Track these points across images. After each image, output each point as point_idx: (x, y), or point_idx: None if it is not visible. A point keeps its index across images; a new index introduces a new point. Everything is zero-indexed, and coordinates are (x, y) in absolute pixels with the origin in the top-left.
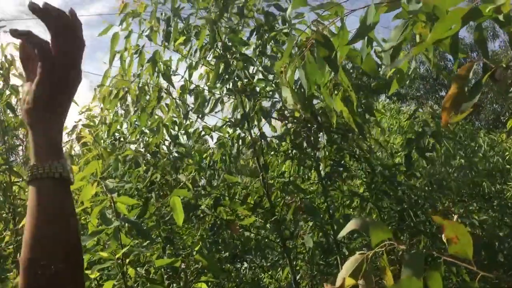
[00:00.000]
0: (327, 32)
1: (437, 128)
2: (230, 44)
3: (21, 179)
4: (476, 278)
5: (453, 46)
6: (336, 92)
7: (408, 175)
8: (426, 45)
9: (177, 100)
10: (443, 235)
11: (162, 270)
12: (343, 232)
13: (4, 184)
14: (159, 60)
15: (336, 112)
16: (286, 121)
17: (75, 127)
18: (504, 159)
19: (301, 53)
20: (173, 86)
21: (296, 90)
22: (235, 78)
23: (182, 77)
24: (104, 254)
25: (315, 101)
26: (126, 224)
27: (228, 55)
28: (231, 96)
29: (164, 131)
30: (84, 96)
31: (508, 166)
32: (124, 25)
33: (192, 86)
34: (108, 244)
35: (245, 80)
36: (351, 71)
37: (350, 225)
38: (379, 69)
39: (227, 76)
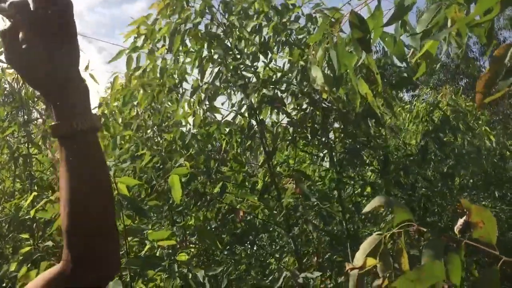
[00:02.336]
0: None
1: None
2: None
3: (39, 152)
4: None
5: (488, 32)
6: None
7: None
8: (470, 18)
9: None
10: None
11: (162, 251)
12: (367, 208)
13: (24, 157)
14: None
15: (361, 95)
16: (283, 106)
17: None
18: None
19: (331, 32)
20: (182, 87)
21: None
22: (222, 70)
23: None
24: None
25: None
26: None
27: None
28: (232, 87)
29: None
30: (99, 70)
31: None
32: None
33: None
34: None
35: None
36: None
37: (375, 202)
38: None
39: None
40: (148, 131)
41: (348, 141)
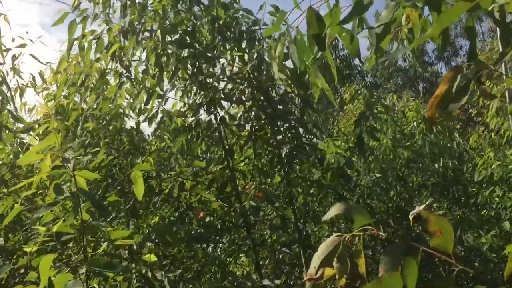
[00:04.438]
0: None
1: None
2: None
3: None
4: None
5: (443, 39)
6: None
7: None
8: (430, 35)
9: (135, 85)
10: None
11: (120, 250)
12: (327, 216)
13: None
14: (117, 46)
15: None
16: (243, 105)
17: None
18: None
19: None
20: (130, 74)
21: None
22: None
23: (143, 62)
24: (42, 229)
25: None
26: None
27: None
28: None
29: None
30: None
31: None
32: (79, 11)
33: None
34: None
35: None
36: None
37: (334, 209)
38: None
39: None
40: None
41: (294, 140)
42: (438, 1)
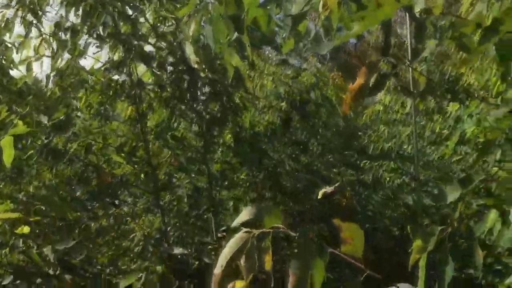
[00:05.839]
0: None
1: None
2: None
3: None
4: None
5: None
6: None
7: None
8: (354, 34)
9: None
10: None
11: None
12: (238, 221)
13: None
14: None
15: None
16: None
17: None
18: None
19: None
20: (42, 24)
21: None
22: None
23: (56, 13)
24: None
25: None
26: None
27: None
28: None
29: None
30: None
31: None
32: None
33: (68, 24)
34: None
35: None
36: None
37: (245, 214)
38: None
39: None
40: None
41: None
42: None
